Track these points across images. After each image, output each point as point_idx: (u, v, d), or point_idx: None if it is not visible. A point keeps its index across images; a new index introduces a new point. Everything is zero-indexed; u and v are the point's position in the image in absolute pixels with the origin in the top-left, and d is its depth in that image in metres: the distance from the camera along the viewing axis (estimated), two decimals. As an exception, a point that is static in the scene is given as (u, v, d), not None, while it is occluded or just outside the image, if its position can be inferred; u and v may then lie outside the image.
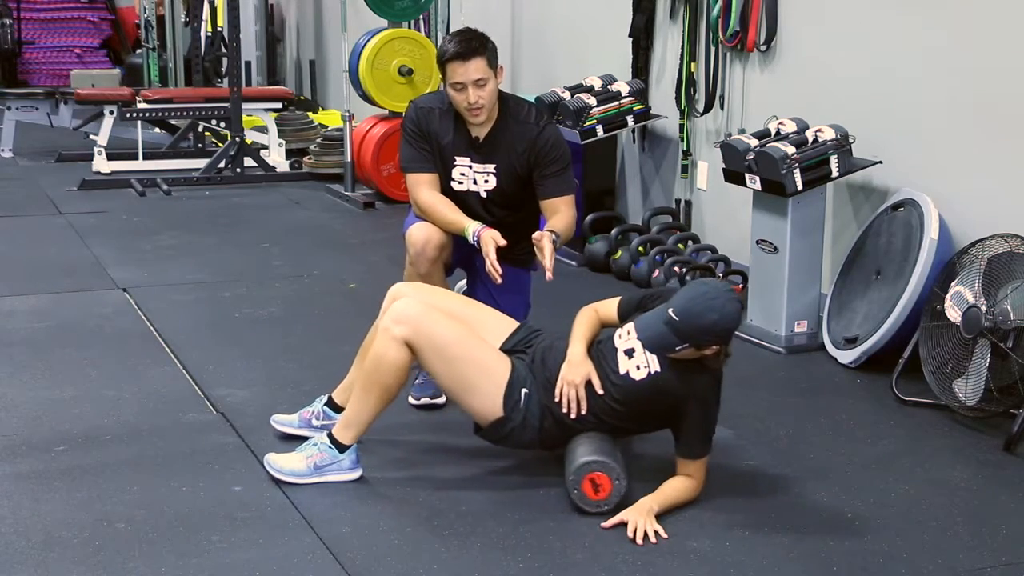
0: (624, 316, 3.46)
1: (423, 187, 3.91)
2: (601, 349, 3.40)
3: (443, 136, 3.90)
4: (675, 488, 3.28)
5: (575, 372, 3.34)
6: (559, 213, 3.88)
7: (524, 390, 3.37)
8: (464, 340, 3.38)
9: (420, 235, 3.86)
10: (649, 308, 3.38)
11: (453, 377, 3.37)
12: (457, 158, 3.91)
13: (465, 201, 3.91)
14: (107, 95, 8.69)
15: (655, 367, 3.28)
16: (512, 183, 3.91)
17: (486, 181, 3.90)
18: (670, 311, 3.19)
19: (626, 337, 3.36)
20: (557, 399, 3.35)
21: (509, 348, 3.48)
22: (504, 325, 3.56)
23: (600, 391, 3.33)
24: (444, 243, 3.87)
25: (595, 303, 3.54)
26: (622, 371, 3.32)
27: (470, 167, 3.91)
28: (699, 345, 3.21)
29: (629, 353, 3.32)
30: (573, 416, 3.34)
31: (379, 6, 7.47)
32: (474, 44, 3.79)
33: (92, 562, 2.97)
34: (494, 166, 3.88)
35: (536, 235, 3.74)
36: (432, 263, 3.85)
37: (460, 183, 3.92)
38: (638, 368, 3.30)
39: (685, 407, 3.28)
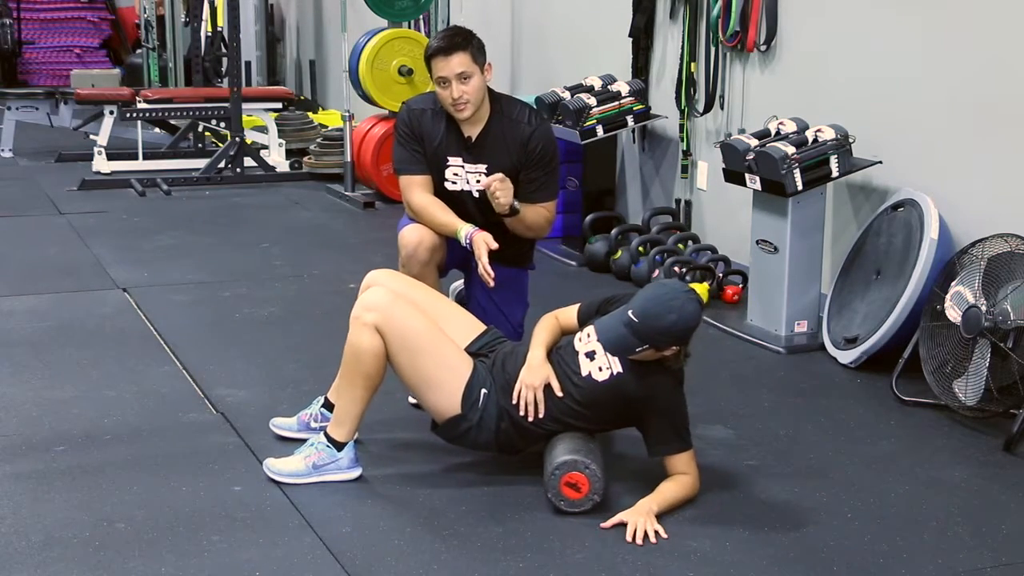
0: (584, 321, 3.47)
1: (415, 189, 3.90)
2: (561, 354, 3.42)
3: (435, 137, 3.88)
4: (672, 487, 3.28)
5: (534, 375, 3.35)
6: (535, 208, 3.88)
7: (483, 390, 3.37)
8: (429, 334, 3.38)
9: (412, 237, 3.84)
10: (609, 312, 3.39)
11: (415, 370, 3.37)
12: (450, 158, 3.89)
13: (460, 201, 3.90)
14: (107, 95, 8.69)
15: (617, 368, 3.28)
16: None
17: (478, 181, 3.88)
18: (629, 313, 3.20)
19: (586, 340, 3.37)
20: (515, 402, 3.35)
21: (473, 351, 3.48)
22: (471, 326, 3.57)
23: (560, 394, 3.34)
24: (436, 245, 3.85)
25: (556, 310, 3.55)
26: (584, 373, 3.32)
27: (463, 167, 3.89)
28: (659, 346, 3.21)
29: (591, 355, 3.33)
30: (530, 419, 3.35)
31: (379, 6, 7.46)
32: (456, 39, 3.78)
33: (92, 562, 2.98)
34: (486, 166, 3.86)
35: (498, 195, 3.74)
36: (424, 265, 3.83)
37: (454, 183, 3.91)
38: (600, 369, 3.31)
39: (648, 406, 3.29)
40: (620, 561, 3.02)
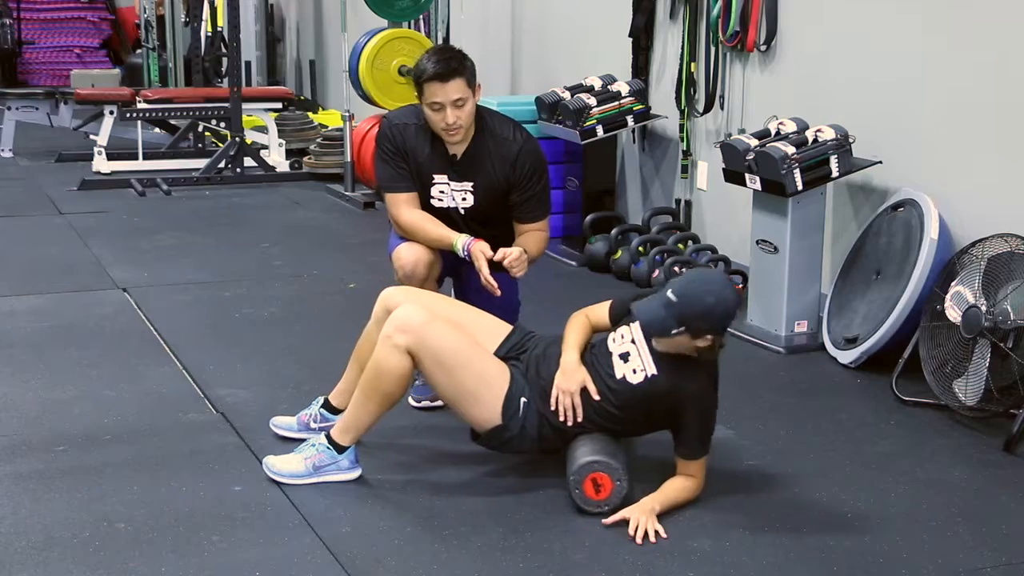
0: (616, 320, 3.45)
1: (403, 206, 3.85)
2: (595, 354, 3.40)
3: (420, 153, 3.83)
4: (676, 488, 3.29)
5: (570, 380, 3.33)
6: (532, 235, 3.87)
7: (523, 399, 3.36)
8: (465, 350, 3.35)
9: (408, 257, 3.80)
10: None
11: (454, 386, 3.34)
12: (435, 176, 3.84)
13: (447, 217, 3.86)
14: (107, 95, 8.69)
15: (652, 370, 3.28)
16: (491, 200, 3.86)
17: (464, 199, 3.85)
18: (669, 293, 3.20)
19: (620, 341, 3.36)
20: (553, 408, 3.34)
21: (503, 354, 3.47)
22: (498, 329, 3.55)
23: (596, 397, 3.33)
24: (432, 261, 3.81)
25: (585, 308, 3.53)
26: (618, 375, 3.31)
27: (448, 185, 3.85)
28: (695, 332, 3.20)
29: (624, 357, 3.32)
30: (570, 424, 3.34)
31: (379, 6, 7.46)
32: (453, 64, 3.69)
33: (92, 562, 2.98)
34: (472, 184, 3.83)
35: (506, 252, 3.71)
36: (423, 282, 3.78)
37: (440, 200, 3.87)
38: (635, 372, 3.30)
39: (683, 408, 3.28)
40: (620, 561, 3.02)
